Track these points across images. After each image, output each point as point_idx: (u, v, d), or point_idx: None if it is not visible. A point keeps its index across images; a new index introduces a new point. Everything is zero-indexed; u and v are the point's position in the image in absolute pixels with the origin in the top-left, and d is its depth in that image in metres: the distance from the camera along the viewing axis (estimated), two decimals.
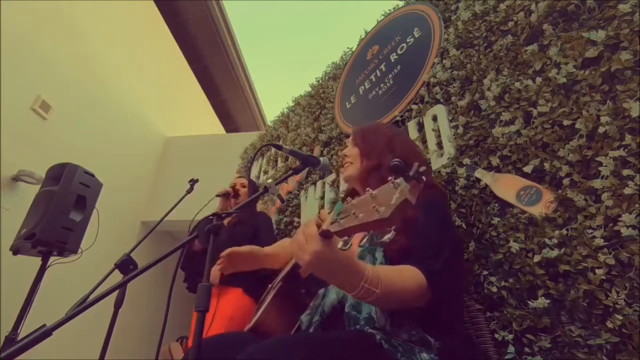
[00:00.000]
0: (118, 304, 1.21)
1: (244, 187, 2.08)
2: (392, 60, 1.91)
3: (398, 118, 1.70)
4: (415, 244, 0.76)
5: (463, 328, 0.92)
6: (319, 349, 0.63)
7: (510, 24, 1.30)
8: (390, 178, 0.47)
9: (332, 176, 1.97)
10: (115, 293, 1.05)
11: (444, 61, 1.54)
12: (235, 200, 2.04)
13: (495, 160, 1.17)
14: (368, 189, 0.51)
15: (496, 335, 0.98)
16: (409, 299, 0.68)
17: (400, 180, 0.45)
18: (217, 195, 1.99)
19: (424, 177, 0.45)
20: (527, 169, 1.08)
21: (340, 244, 0.54)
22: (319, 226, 0.59)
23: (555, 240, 0.94)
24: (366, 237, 0.49)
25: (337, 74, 2.40)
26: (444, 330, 0.74)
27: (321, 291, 0.88)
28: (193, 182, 1.96)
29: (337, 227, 0.53)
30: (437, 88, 1.53)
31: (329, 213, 1.16)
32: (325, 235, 0.57)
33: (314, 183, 2.12)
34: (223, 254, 1.08)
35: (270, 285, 1.20)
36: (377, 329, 0.71)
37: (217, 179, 2.54)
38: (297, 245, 0.60)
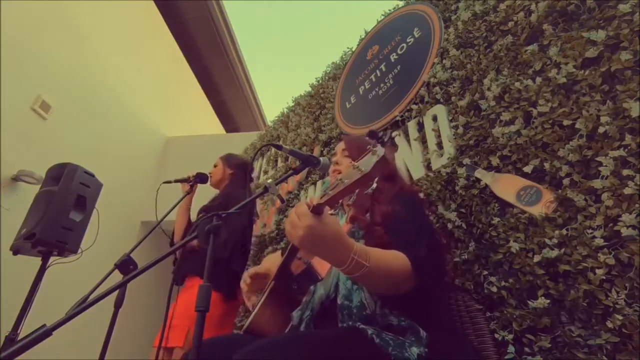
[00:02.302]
0: (118, 304, 1.21)
1: (215, 166, 2.04)
2: (392, 60, 1.90)
3: (398, 118, 1.70)
4: (395, 235, 0.80)
5: (450, 321, 0.95)
6: (312, 347, 0.64)
7: (510, 24, 1.30)
8: (369, 147, 0.56)
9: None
10: (115, 293, 1.05)
11: (444, 61, 1.54)
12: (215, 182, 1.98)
13: (495, 160, 1.17)
14: (352, 162, 0.59)
15: (496, 335, 0.98)
16: (396, 278, 0.71)
17: (377, 147, 0.54)
18: (168, 182, 1.91)
19: (395, 143, 0.56)
20: (527, 169, 1.08)
21: (330, 212, 0.61)
22: (309, 206, 0.63)
23: (555, 240, 0.94)
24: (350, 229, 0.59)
25: (337, 74, 2.40)
26: (432, 321, 0.76)
27: (312, 288, 0.90)
28: (193, 182, 1.95)
29: (326, 197, 0.60)
30: (437, 88, 1.52)
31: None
32: (316, 212, 0.61)
33: (314, 183, 2.12)
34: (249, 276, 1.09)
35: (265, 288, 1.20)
36: (368, 321, 0.73)
37: None
38: (290, 224, 0.63)
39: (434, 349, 0.69)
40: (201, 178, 1.94)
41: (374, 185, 0.54)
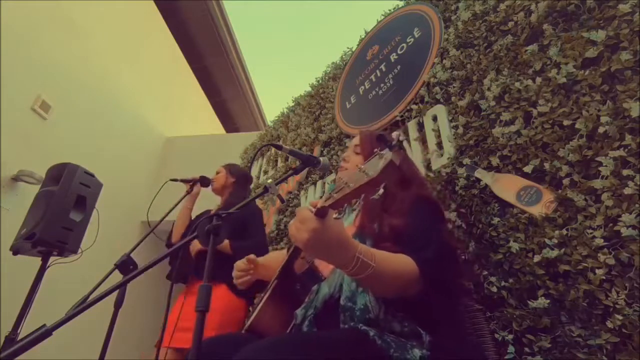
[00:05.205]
0: (118, 304, 1.21)
1: (217, 173, 2.05)
2: (392, 60, 1.90)
3: (398, 118, 1.70)
4: (405, 238, 0.78)
5: (456, 323, 0.93)
6: (314, 348, 0.64)
7: (510, 24, 1.30)
8: (376, 150, 0.54)
9: (332, 176, 1.97)
10: (115, 293, 1.05)
11: (444, 61, 1.54)
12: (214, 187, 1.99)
13: (495, 160, 1.17)
14: (357, 165, 0.56)
15: (496, 335, 0.98)
16: (402, 281, 0.70)
17: (385, 150, 0.52)
18: (174, 180, 1.89)
19: (403, 147, 0.53)
20: (527, 169, 1.08)
21: (334, 215, 0.59)
22: (312, 209, 0.62)
23: (555, 240, 0.94)
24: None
25: (337, 74, 2.40)
26: (436, 324, 0.75)
27: (315, 287, 0.89)
28: (193, 182, 1.95)
29: (331, 200, 0.58)
30: (437, 88, 1.52)
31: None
32: (320, 214, 0.60)
33: (314, 183, 2.12)
34: (247, 264, 1.08)
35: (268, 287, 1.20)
36: (370, 325, 0.72)
37: None
38: (295, 227, 0.63)
39: (436, 351, 0.68)
40: (204, 181, 1.95)
41: (381, 190, 0.52)
